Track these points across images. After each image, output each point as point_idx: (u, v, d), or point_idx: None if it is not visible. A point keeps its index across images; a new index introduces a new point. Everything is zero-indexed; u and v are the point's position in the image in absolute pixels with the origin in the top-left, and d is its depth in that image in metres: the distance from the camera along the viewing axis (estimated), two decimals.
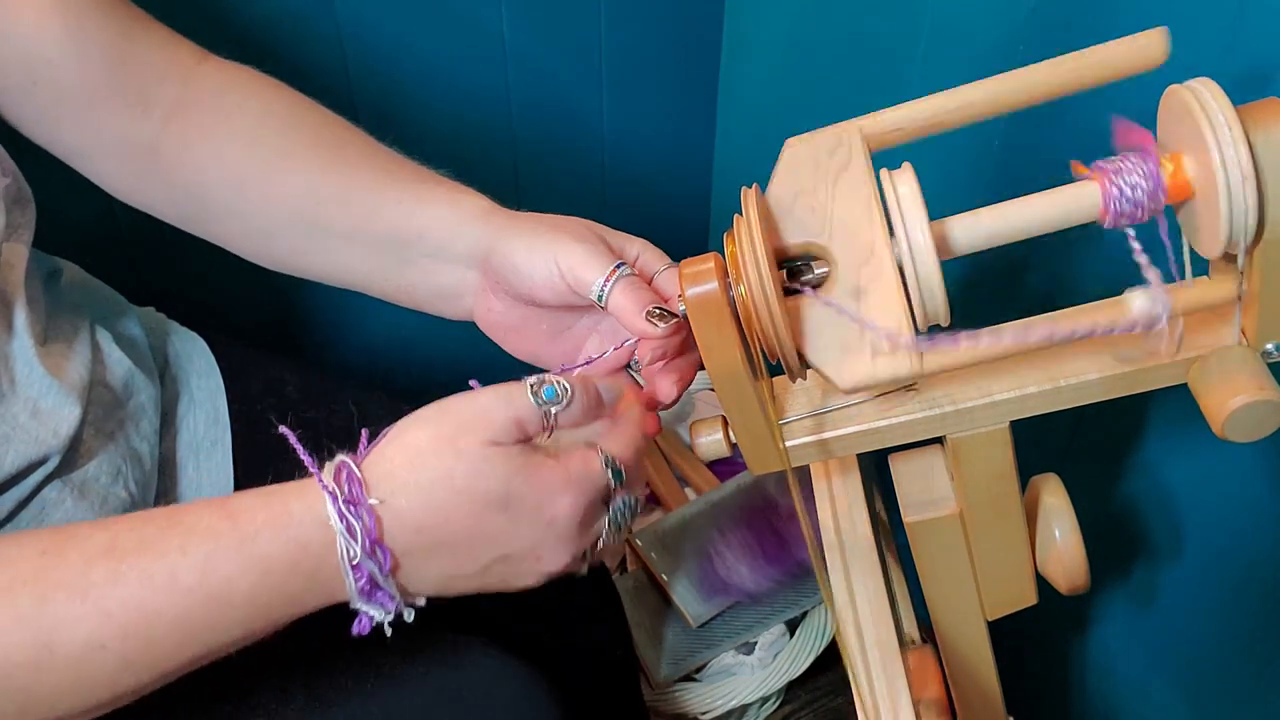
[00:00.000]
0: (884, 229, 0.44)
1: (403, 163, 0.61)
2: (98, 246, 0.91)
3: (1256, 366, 0.43)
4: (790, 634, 1.07)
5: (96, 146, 0.61)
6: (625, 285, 0.52)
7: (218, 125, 0.60)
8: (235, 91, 0.61)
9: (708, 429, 0.52)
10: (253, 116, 0.61)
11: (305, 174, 0.60)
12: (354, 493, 0.44)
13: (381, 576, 0.45)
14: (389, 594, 0.46)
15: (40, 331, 0.59)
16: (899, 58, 0.87)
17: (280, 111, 0.61)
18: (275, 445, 0.51)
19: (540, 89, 1.07)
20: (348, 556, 0.44)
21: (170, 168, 0.61)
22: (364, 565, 0.44)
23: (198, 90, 0.61)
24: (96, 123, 0.59)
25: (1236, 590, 0.74)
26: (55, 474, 0.57)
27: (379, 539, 0.45)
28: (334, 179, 0.60)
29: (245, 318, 1.05)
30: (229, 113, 0.60)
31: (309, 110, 0.62)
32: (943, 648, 0.61)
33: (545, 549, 0.48)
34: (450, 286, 0.59)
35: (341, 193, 0.59)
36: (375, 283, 0.62)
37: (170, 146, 0.60)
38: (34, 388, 0.57)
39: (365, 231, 0.59)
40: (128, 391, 0.64)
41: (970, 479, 0.51)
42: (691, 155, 1.23)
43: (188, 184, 0.61)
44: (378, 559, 0.44)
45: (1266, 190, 0.40)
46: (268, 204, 0.60)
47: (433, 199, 0.59)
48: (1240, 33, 0.57)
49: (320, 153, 0.60)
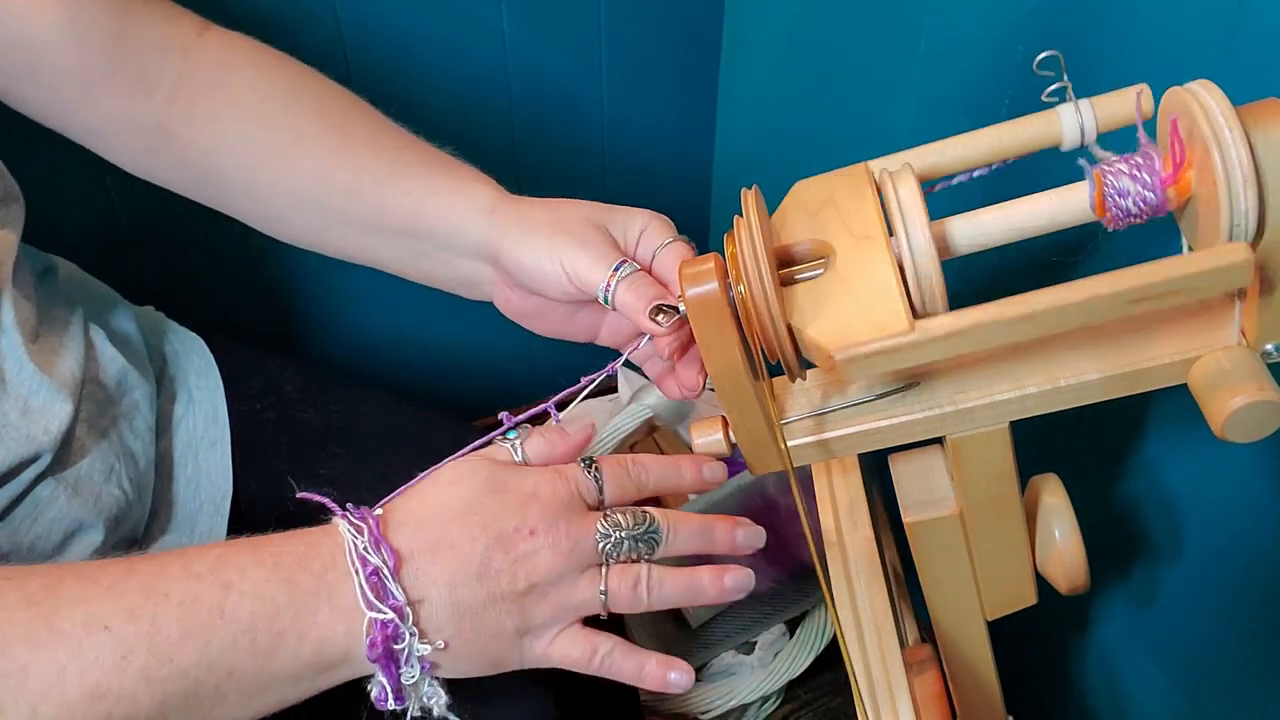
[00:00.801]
0: (884, 228, 0.44)
1: (408, 144, 0.61)
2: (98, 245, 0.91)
3: (1256, 367, 0.43)
4: (790, 634, 1.07)
5: (105, 127, 0.60)
6: (628, 284, 0.53)
7: (223, 106, 0.60)
8: (238, 68, 0.61)
9: (708, 429, 0.52)
10: (257, 96, 0.60)
11: (314, 161, 0.59)
12: (359, 509, 0.48)
13: (389, 573, 0.46)
14: (397, 600, 0.46)
15: (32, 328, 0.59)
16: (899, 57, 0.87)
17: (285, 90, 0.61)
18: (274, 444, 0.51)
19: (540, 88, 1.06)
20: (354, 549, 0.45)
21: (181, 148, 0.60)
22: (370, 559, 0.45)
23: (200, 66, 0.60)
24: (101, 103, 0.59)
25: (1236, 590, 0.74)
26: (48, 472, 0.57)
27: (383, 534, 0.47)
28: (342, 168, 0.59)
29: (244, 317, 1.05)
30: (233, 93, 0.60)
31: (313, 86, 0.62)
32: (943, 648, 0.61)
33: (535, 519, 0.48)
34: (467, 276, 0.60)
35: (350, 182, 0.59)
36: (394, 268, 0.62)
37: (178, 127, 0.60)
38: (24, 385, 0.57)
39: (376, 223, 0.59)
40: (121, 389, 0.64)
41: (970, 479, 0.51)
42: (691, 155, 1.23)
43: (200, 165, 0.61)
44: (383, 555, 0.46)
45: (1267, 191, 0.40)
46: (279, 189, 0.60)
47: (440, 190, 0.58)
48: (1240, 33, 0.57)
49: (327, 137, 0.60)
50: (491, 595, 0.47)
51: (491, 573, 0.47)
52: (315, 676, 0.46)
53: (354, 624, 0.45)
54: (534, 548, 0.48)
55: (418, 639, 0.46)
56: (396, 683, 0.46)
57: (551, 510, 0.49)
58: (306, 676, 0.46)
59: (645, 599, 0.50)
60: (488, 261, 0.58)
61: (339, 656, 0.46)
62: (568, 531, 0.48)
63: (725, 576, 0.51)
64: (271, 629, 0.44)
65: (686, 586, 0.51)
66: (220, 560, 0.45)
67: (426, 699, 0.48)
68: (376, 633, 0.45)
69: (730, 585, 0.52)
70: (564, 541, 0.48)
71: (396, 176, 0.59)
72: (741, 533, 0.53)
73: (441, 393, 1.16)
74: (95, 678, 0.41)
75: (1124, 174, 0.42)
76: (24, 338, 0.57)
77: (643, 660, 0.50)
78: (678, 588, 0.50)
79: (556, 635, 0.49)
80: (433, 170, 0.59)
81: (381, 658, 0.45)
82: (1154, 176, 0.42)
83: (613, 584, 0.49)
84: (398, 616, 0.45)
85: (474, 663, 0.49)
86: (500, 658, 0.49)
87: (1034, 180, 0.45)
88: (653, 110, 1.16)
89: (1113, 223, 0.43)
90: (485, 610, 0.47)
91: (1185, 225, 0.44)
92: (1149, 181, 0.42)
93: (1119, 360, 0.47)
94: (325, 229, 0.61)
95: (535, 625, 0.49)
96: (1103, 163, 0.43)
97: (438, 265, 0.60)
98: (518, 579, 0.48)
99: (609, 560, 0.49)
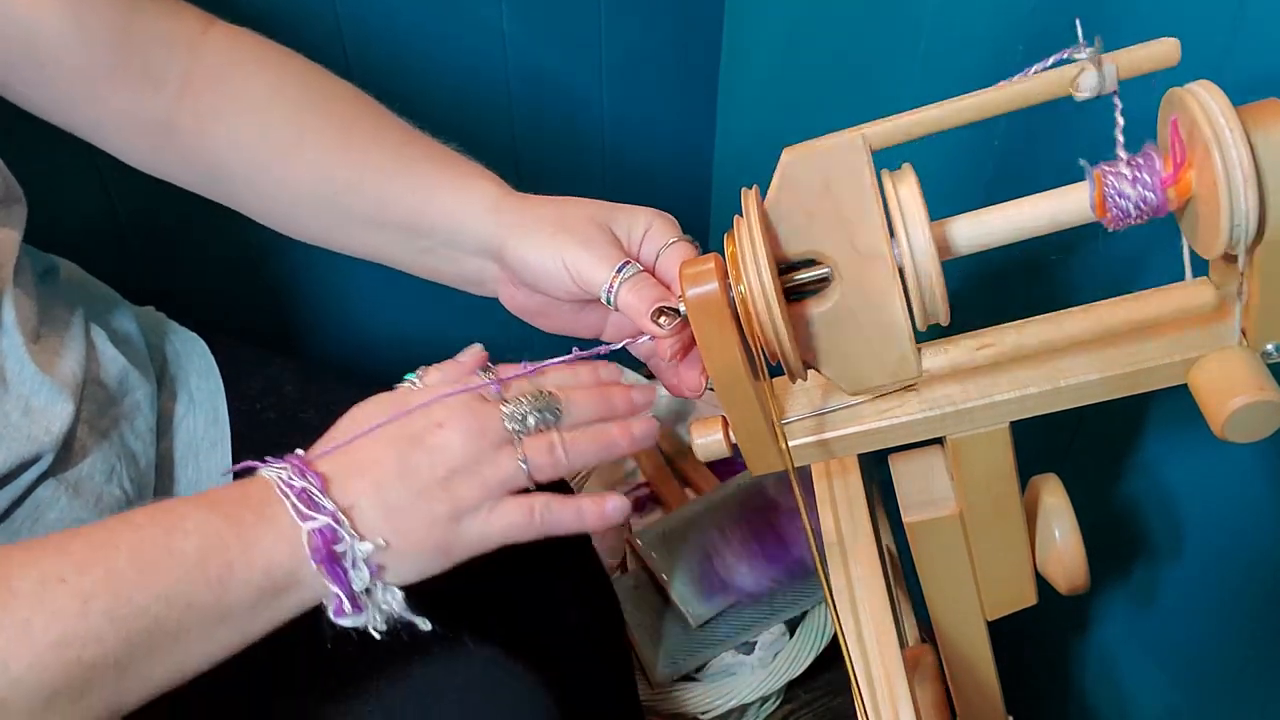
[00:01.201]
0: (884, 228, 0.44)
1: (412, 140, 0.61)
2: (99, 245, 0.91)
3: (1256, 367, 0.43)
4: (790, 634, 1.07)
5: (111, 123, 0.60)
6: (630, 286, 0.53)
7: (228, 102, 0.60)
8: (243, 64, 0.61)
9: (708, 429, 0.52)
10: (262, 93, 0.60)
11: (317, 158, 0.59)
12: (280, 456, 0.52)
13: (317, 490, 0.49)
14: (328, 508, 0.49)
15: (33, 329, 0.59)
16: (899, 56, 0.87)
17: (289, 87, 0.61)
18: (274, 445, 0.52)
19: (540, 88, 1.06)
20: (280, 480, 0.49)
21: (187, 144, 0.60)
22: (295, 483, 0.49)
23: (205, 63, 0.60)
24: (107, 100, 0.59)
25: (1236, 590, 0.74)
26: (49, 473, 0.57)
27: (306, 462, 0.51)
28: (345, 166, 0.59)
29: (245, 317, 1.05)
30: (238, 90, 0.60)
31: (317, 82, 0.62)
32: (943, 648, 0.61)
33: (440, 415, 0.51)
34: (473, 273, 0.61)
35: (353, 180, 0.59)
36: (401, 264, 0.63)
37: (184, 123, 0.60)
38: (25, 385, 0.57)
39: (382, 220, 0.60)
40: (122, 389, 0.64)
41: (970, 479, 0.51)
42: (691, 155, 1.23)
43: (205, 161, 0.61)
44: (308, 479, 0.49)
45: (1267, 191, 0.40)
46: (284, 186, 0.60)
47: (444, 187, 0.59)
48: (1240, 33, 0.57)
49: (330, 134, 0.60)
50: (417, 489, 0.50)
51: (411, 469, 0.50)
52: (270, 602, 0.48)
53: (295, 541, 0.48)
54: (445, 439, 0.51)
55: (357, 540, 0.49)
56: (348, 588, 0.49)
57: (454, 405, 0.52)
58: (261, 603, 0.48)
59: (564, 460, 0.53)
60: (492, 259, 0.59)
61: (287, 576, 0.48)
62: (474, 417, 0.51)
63: (633, 427, 0.55)
64: (221, 560, 0.47)
65: (599, 442, 0.54)
66: (158, 510, 0.48)
67: (383, 604, 0.50)
68: (317, 540, 0.48)
69: (640, 434, 0.55)
70: (472, 424, 0.51)
71: (400, 174, 0.59)
72: (636, 393, 0.56)
73: None
74: (60, 626, 0.43)
75: (1124, 174, 0.42)
76: (25, 338, 0.57)
77: (578, 503, 0.54)
78: (592, 444, 0.54)
79: (492, 510, 0.52)
80: (436, 167, 0.59)
81: (326, 562, 0.48)
82: (1154, 177, 0.42)
83: (530, 453, 0.52)
84: (333, 520, 0.48)
85: (421, 556, 0.51)
86: (445, 544, 0.51)
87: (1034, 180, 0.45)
88: (653, 110, 1.16)
89: (1113, 223, 0.43)
90: (415, 504, 0.50)
91: (1185, 225, 0.44)
92: (1149, 182, 0.42)
93: (1119, 360, 0.47)
94: (331, 226, 0.61)
95: (467, 506, 0.51)
96: (1103, 163, 0.43)
97: (443, 262, 0.61)
98: (436, 468, 0.50)
99: (520, 436, 0.52)
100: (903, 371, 0.47)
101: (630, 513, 0.55)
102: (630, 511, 0.55)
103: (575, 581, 0.78)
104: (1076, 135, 0.68)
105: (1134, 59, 0.41)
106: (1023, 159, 0.77)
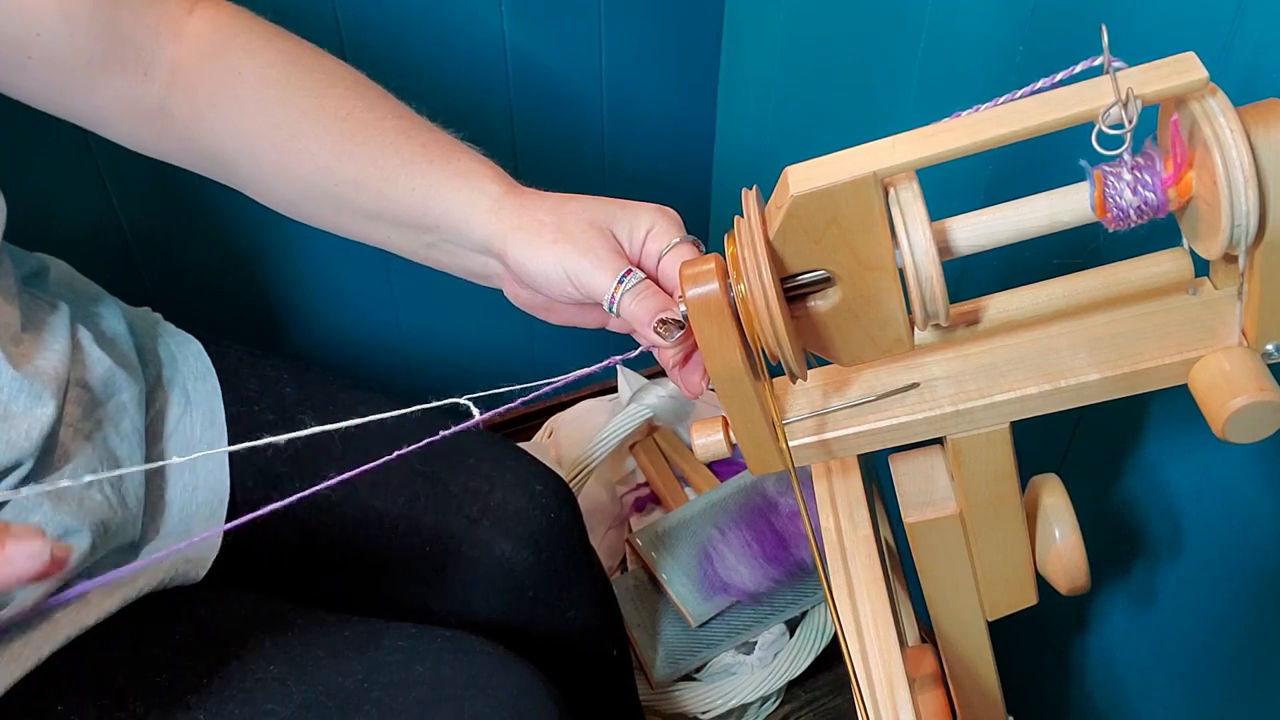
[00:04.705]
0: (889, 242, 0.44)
1: (411, 130, 0.60)
2: (96, 246, 0.91)
3: (1256, 367, 0.43)
4: (790, 634, 1.07)
5: (109, 113, 0.60)
6: (633, 295, 0.52)
7: (221, 90, 0.59)
8: (229, 53, 0.60)
9: (708, 429, 0.52)
10: (254, 81, 0.59)
11: (316, 153, 0.59)
12: None
13: None
14: None
15: (14, 332, 0.59)
16: (899, 56, 0.87)
17: (281, 74, 0.60)
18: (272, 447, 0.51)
19: (540, 87, 1.06)
20: None
21: (185, 131, 0.60)
22: None
23: (193, 49, 0.59)
24: (100, 90, 0.58)
25: (1236, 590, 0.74)
26: (30, 478, 0.56)
27: None
28: (343, 162, 0.58)
29: (242, 319, 1.05)
30: (229, 79, 0.59)
31: (309, 63, 0.61)
32: (943, 648, 0.61)
33: None
34: (477, 269, 0.60)
35: (354, 176, 0.58)
36: (408, 255, 0.62)
37: (180, 110, 0.59)
38: (4, 390, 0.56)
39: (384, 215, 0.59)
40: (108, 390, 0.63)
41: (970, 479, 0.51)
42: (691, 155, 1.23)
43: (206, 149, 0.60)
44: None
45: (1267, 191, 0.39)
46: (285, 177, 0.60)
47: (444, 184, 0.58)
48: (1239, 33, 0.57)
49: (327, 127, 0.59)
50: None
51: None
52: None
53: None
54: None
55: None
56: None
57: None
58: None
59: None
60: (495, 257, 0.58)
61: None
62: None
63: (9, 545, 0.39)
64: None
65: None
66: None
67: None
68: None
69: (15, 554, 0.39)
70: None
71: (400, 169, 0.58)
72: None
73: (441, 393, 1.16)
74: None
75: (1125, 175, 0.42)
76: (5, 340, 0.57)
77: None
78: None
79: None
80: (435, 164, 0.59)
81: None
82: (1155, 177, 0.42)
83: None
84: None
85: None
86: None
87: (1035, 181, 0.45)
88: (653, 110, 1.16)
89: (1113, 223, 0.43)
90: None
91: (1186, 226, 0.44)
92: (1150, 182, 0.42)
93: (1119, 360, 0.47)
94: (336, 215, 0.61)
95: None
96: (1104, 163, 0.43)
97: (447, 256, 0.60)
98: None
99: None
100: (896, 349, 0.47)
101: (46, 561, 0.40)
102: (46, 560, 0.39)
103: (575, 581, 0.78)
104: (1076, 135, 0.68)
105: (1159, 91, 0.41)
106: (1023, 159, 0.77)
